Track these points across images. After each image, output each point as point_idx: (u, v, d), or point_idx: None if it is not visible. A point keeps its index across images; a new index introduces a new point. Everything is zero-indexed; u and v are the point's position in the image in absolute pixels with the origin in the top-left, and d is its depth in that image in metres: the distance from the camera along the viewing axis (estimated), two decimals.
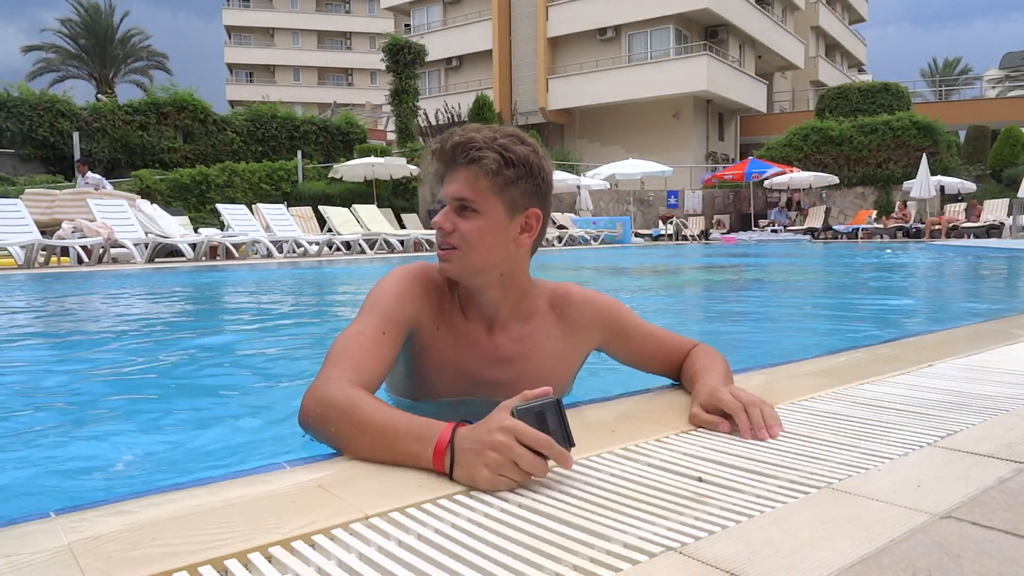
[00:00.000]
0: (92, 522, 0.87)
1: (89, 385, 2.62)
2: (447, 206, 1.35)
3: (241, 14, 51.01)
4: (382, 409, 1.12)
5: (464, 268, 1.37)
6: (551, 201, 1.46)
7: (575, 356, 1.56)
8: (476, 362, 1.44)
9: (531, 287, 1.49)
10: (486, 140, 1.31)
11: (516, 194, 1.34)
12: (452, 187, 1.34)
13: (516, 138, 1.35)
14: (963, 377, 1.66)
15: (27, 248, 8.52)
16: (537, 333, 1.48)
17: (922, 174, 17.66)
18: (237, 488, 0.99)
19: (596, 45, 29.44)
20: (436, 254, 1.40)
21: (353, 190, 16.69)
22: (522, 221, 1.38)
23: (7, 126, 15.74)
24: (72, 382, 2.68)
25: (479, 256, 1.35)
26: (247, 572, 0.76)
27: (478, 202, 1.32)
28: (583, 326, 1.52)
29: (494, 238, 1.35)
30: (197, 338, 3.86)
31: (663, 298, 5.91)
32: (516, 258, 1.41)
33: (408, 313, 1.38)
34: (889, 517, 0.86)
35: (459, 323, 1.45)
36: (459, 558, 0.78)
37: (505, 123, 2.84)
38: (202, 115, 18.28)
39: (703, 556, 0.77)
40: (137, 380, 2.68)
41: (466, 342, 1.44)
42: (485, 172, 1.30)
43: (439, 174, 1.37)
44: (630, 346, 1.57)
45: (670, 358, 1.59)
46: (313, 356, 3.30)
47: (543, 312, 1.50)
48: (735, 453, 1.13)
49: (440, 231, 1.35)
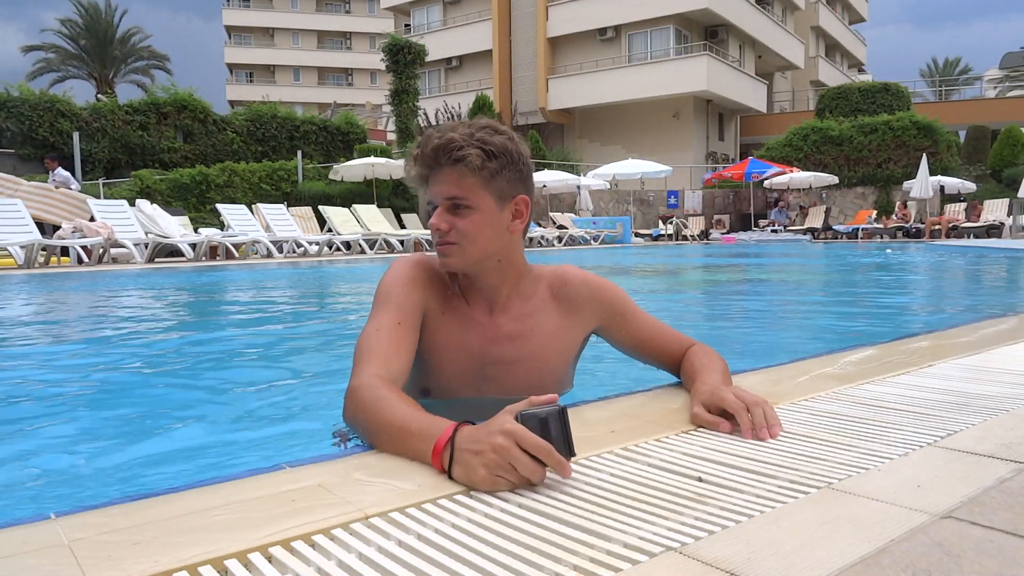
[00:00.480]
0: (92, 523, 0.87)
1: (89, 385, 2.62)
2: (439, 207, 1.41)
3: (241, 14, 51.01)
4: (400, 408, 1.16)
5: (465, 260, 1.42)
6: (533, 183, 1.52)
7: (574, 336, 1.59)
8: (480, 342, 1.49)
9: (527, 270, 1.55)
10: (465, 138, 1.35)
11: (503, 184, 1.40)
12: (441, 188, 1.39)
13: (491, 129, 1.40)
14: (963, 377, 1.66)
15: (27, 248, 8.53)
16: (537, 313, 1.53)
17: (922, 174, 17.67)
18: (237, 488, 0.99)
19: (596, 45, 29.44)
20: (436, 251, 1.45)
21: (353, 190, 16.70)
22: (512, 209, 1.44)
23: (7, 126, 15.74)
24: (72, 383, 2.68)
25: (478, 248, 1.41)
26: (247, 572, 0.76)
27: (469, 198, 1.38)
28: (580, 306, 1.56)
29: (490, 229, 1.41)
30: (196, 339, 3.86)
31: (663, 298, 5.91)
32: (511, 244, 1.48)
33: (417, 300, 1.45)
34: (889, 517, 0.86)
35: (462, 308, 1.51)
36: (459, 558, 0.78)
37: (481, 117, 2.78)
38: (202, 115, 18.26)
39: (703, 556, 0.77)
40: (137, 380, 2.68)
41: (470, 324, 1.50)
42: (471, 169, 1.35)
43: (423, 176, 1.42)
44: (627, 331, 1.60)
45: (668, 351, 1.60)
46: (313, 356, 3.30)
47: (542, 293, 1.55)
48: (735, 453, 1.13)
49: (438, 232, 1.41)
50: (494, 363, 1.50)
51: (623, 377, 1.94)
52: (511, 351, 1.50)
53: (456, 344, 1.49)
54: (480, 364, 1.49)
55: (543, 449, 0.98)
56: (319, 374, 2.78)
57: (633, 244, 18.04)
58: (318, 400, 2.22)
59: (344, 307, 5.53)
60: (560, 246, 15.72)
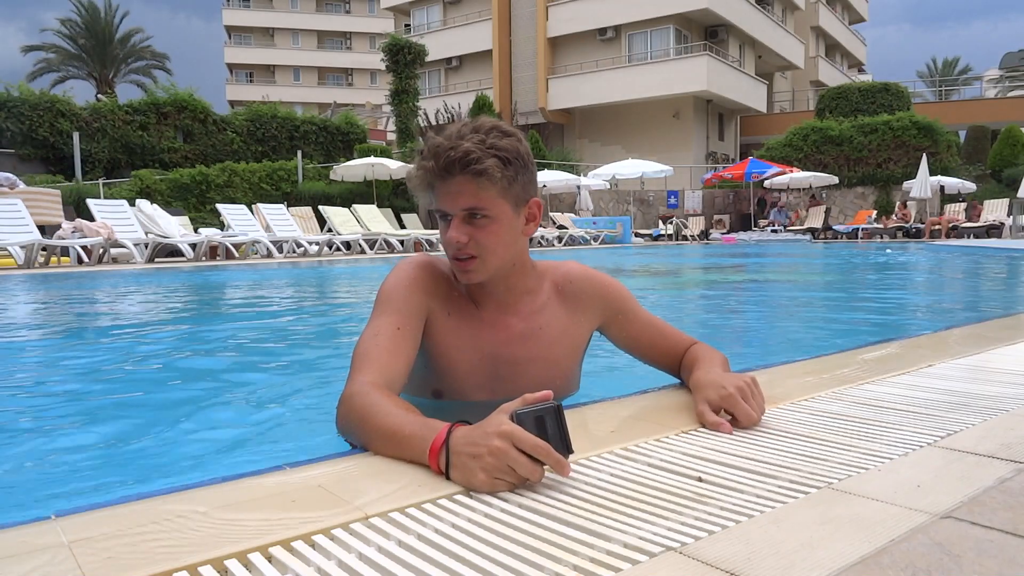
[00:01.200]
0: (93, 523, 0.87)
1: (89, 386, 2.62)
2: (455, 218, 1.34)
3: (241, 14, 51.01)
4: (393, 413, 1.14)
5: (487, 273, 1.39)
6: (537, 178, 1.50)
7: (582, 332, 1.58)
8: (492, 343, 1.48)
9: (533, 267, 1.53)
10: (479, 146, 1.29)
11: (519, 189, 1.37)
12: (458, 199, 1.33)
13: (500, 132, 1.35)
14: (963, 377, 1.66)
15: (27, 248, 8.52)
16: (544, 311, 1.52)
17: (922, 174, 17.67)
18: (237, 488, 0.99)
19: (596, 45, 29.44)
20: (454, 267, 1.40)
21: (353, 190, 16.70)
22: (526, 213, 1.42)
23: (7, 126, 15.73)
24: (72, 383, 2.68)
25: (498, 257, 1.39)
26: (247, 572, 0.76)
27: (489, 208, 1.33)
28: (584, 303, 1.55)
29: (509, 236, 1.39)
30: (197, 339, 3.86)
31: (664, 298, 5.91)
32: (524, 246, 1.47)
33: (419, 304, 1.41)
34: (889, 517, 0.86)
35: (469, 308, 1.49)
36: (459, 558, 0.78)
37: (482, 117, 2.63)
38: (202, 115, 18.27)
39: (703, 556, 0.77)
40: (137, 380, 2.68)
41: (479, 325, 1.48)
42: (491, 179, 1.30)
43: (429, 182, 1.35)
44: (629, 330, 1.59)
45: (670, 350, 1.59)
46: (313, 356, 3.30)
47: (548, 291, 1.54)
48: (735, 453, 1.13)
49: (457, 245, 1.34)
50: (506, 363, 1.48)
51: (623, 377, 1.94)
52: (522, 351, 1.48)
53: (467, 345, 1.46)
54: (492, 364, 1.48)
55: (541, 449, 0.97)
56: (319, 374, 2.78)
57: (633, 244, 18.04)
58: (319, 400, 2.22)
59: (344, 307, 5.53)
60: (560, 246, 15.72)
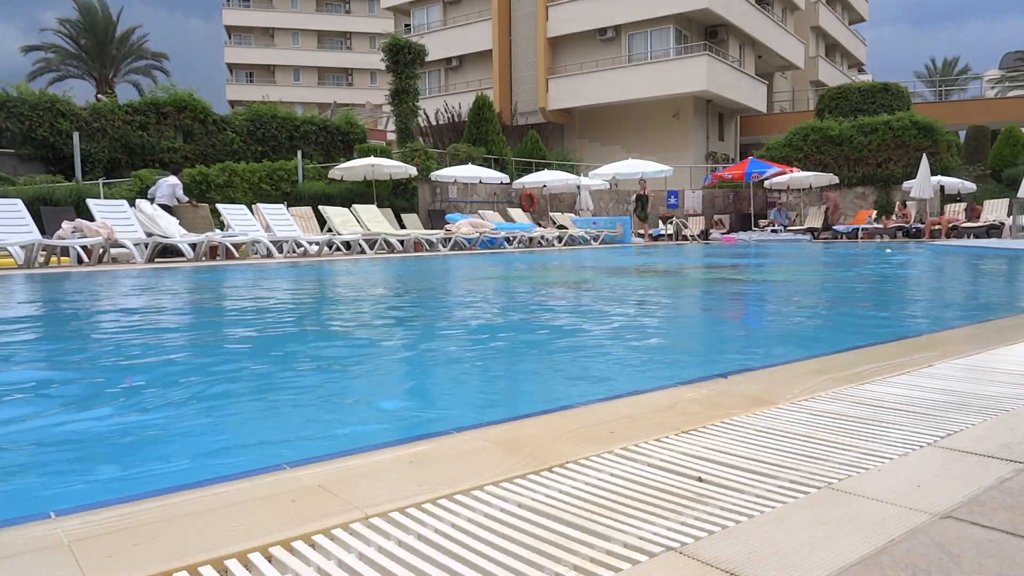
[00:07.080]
0: (92, 523, 0.87)
1: (89, 386, 2.62)
2: None
3: (241, 14, 51.01)
4: None
5: None
6: None
7: None
8: None
9: None
10: None
11: None
12: None
13: None
14: (963, 377, 1.66)
15: (27, 248, 8.52)
16: None
17: (922, 174, 17.66)
18: (237, 488, 0.99)
19: (596, 45, 29.44)
20: None
21: (353, 190, 16.69)
22: None
23: (7, 126, 15.73)
24: (72, 383, 2.68)
25: None
26: (247, 572, 0.76)
27: None
28: None
29: None
30: (196, 339, 3.86)
31: (663, 298, 5.91)
32: None
33: None
34: (889, 517, 0.86)
35: None
36: (459, 558, 0.78)
37: None
38: (202, 115, 18.26)
39: (703, 556, 0.77)
40: (136, 380, 2.68)
41: None
42: None
43: None
44: None
45: None
46: (313, 356, 3.30)
47: None
48: (735, 453, 1.13)
49: None
50: None
51: (624, 377, 1.94)
52: None
53: None
54: None
55: None
56: (319, 374, 2.78)
57: (633, 244, 18.03)
58: (318, 400, 2.22)
59: (344, 307, 5.53)
60: (560, 246, 15.71)
